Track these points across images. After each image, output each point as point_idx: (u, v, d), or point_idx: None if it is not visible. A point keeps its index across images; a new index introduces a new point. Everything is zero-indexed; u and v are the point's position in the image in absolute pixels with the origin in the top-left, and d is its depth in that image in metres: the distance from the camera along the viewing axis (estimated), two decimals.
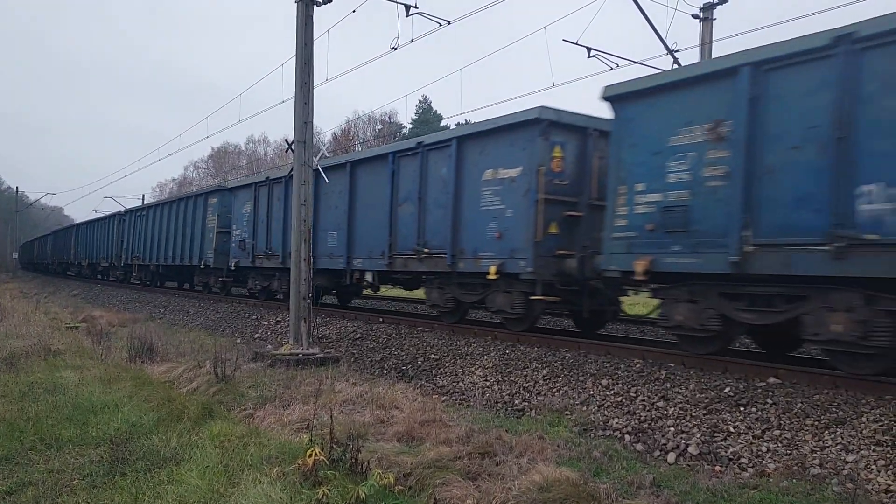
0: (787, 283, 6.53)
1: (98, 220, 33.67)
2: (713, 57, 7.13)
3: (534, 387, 7.68)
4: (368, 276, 12.84)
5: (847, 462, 4.94)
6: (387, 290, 15.71)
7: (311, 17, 10.64)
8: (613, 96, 7.97)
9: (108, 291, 26.72)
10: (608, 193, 8.08)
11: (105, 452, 5.11)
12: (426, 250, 10.77)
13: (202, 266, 19.53)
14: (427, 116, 57.95)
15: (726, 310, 7.06)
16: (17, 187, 68.49)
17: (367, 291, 15.22)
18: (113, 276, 30.07)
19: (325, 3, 10.92)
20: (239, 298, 18.31)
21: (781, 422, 5.63)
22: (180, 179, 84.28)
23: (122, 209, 30.57)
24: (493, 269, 9.33)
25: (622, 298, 10.05)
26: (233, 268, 17.61)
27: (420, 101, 60.16)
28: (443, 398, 7.83)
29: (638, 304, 13.70)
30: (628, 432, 6.18)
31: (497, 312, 9.97)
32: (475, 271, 9.79)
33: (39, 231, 64.50)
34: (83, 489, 4.54)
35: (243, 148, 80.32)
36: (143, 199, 44.43)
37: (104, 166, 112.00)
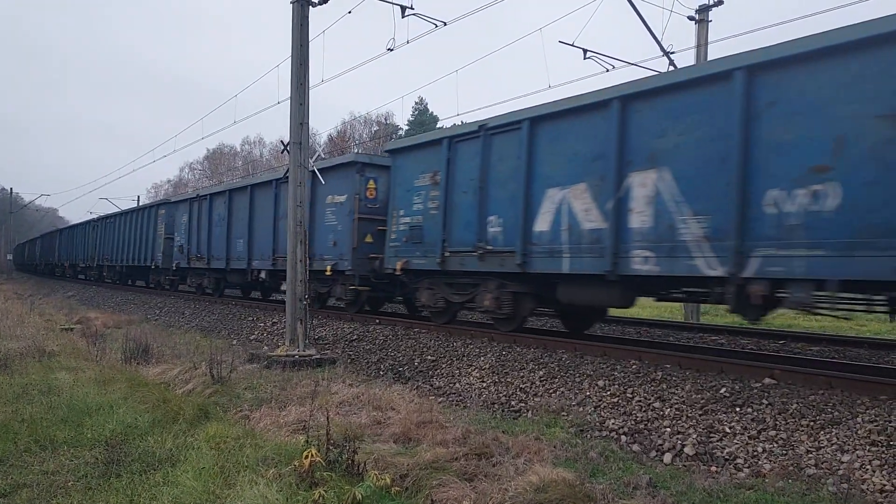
0: (469, 276, 10.21)
1: (77, 225, 37.97)
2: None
3: (530, 388, 7.69)
4: (263, 274, 16.27)
5: (842, 462, 4.96)
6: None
7: (307, 17, 10.63)
8: (390, 150, 12.20)
9: (104, 293, 26.62)
10: (388, 216, 11.77)
11: (100, 454, 5.08)
12: None
13: (153, 266, 23.23)
14: (423, 118, 58.00)
15: (447, 293, 10.78)
16: (10, 188, 68.27)
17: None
18: (89, 276, 33.77)
19: (320, 4, 10.92)
20: (235, 300, 18.27)
21: (777, 422, 5.65)
22: (175, 181, 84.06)
23: (116, 209, 31.63)
24: (328, 268, 13.06)
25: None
26: (174, 268, 21.27)
27: (416, 103, 60.21)
28: (439, 399, 7.82)
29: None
30: (625, 433, 6.19)
31: (338, 299, 13.99)
32: (320, 269, 13.18)
33: (34, 233, 64.26)
34: (78, 491, 4.51)
35: (239, 149, 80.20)
36: (138, 201, 44.40)
37: (99, 167, 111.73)
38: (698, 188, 6.91)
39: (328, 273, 13.03)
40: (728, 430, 5.75)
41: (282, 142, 11.46)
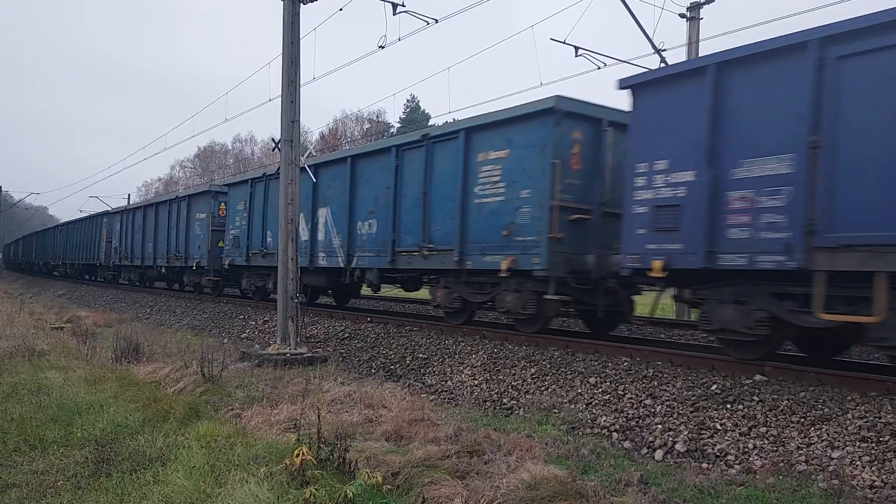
0: (263, 269, 15.65)
1: (48, 228, 46.79)
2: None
3: (522, 385, 7.70)
4: (163, 269, 22.22)
5: (832, 458, 4.99)
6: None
7: (298, 15, 10.58)
8: (227, 184, 18.40)
9: (94, 292, 26.44)
10: (226, 229, 17.56)
11: (90, 453, 5.05)
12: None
13: (99, 264, 29.55)
14: (415, 115, 57.96)
15: (256, 281, 16.54)
16: (0, 187, 67.69)
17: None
18: (56, 272, 40.14)
19: (311, 2, 10.86)
20: (227, 299, 18.19)
21: (768, 419, 5.68)
22: (166, 179, 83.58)
23: (108, 208, 32.95)
24: (194, 264, 19.14)
25: None
26: (111, 265, 27.63)
27: (408, 100, 60.13)
28: (431, 397, 7.82)
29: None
30: (616, 430, 6.21)
31: (205, 286, 19.40)
32: (189, 266, 19.84)
33: (24, 231, 63.80)
34: (68, 490, 4.48)
35: (230, 147, 79.84)
36: (128, 199, 44.18)
37: (90, 166, 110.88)
38: (339, 220, 12.84)
39: (194, 268, 19.26)
40: (719, 426, 5.77)
41: (273, 139, 11.41)
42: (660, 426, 6.04)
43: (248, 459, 4.71)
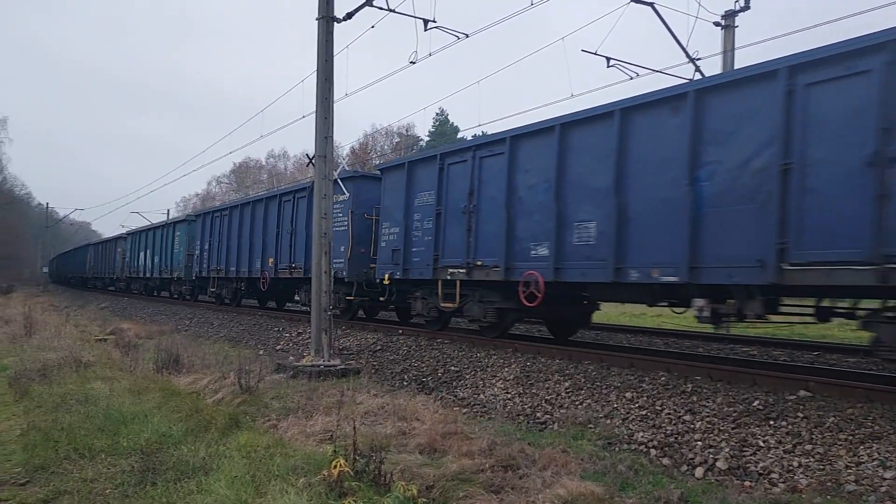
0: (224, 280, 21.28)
1: (79, 247, 53.87)
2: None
3: (556, 399, 7.64)
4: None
5: (885, 479, 4.82)
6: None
7: (332, 34, 10.80)
8: (192, 215, 24.98)
9: (135, 304, 27.18)
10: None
11: (136, 462, 5.17)
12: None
13: (115, 278, 36.65)
14: (444, 129, 58.30)
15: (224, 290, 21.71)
16: (46, 203, 70.23)
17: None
18: (90, 285, 45.56)
19: (345, 20, 11.10)
20: (262, 311, 18.48)
21: (813, 436, 5.52)
22: (203, 194, 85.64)
23: (147, 223, 35.66)
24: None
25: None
26: (120, 278, 35.33)
27: (437, 114, 60.50)
28: (464, 410, 7.81)
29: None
30: (654, 446, 6.11)
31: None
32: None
33: (68, 246, 66.14)
34: (116, 498, 4.61)
35: (264, 162, 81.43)
36: (167, 214, 45.50)
37: (131, 182, 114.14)
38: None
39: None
40: (762, 443, 5.64)
41: (307, 155, 11.63)
42: (700, 443, 5.92)
43: (286, 470, 4.78)
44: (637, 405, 6.91)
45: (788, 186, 6.40)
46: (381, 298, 13.18)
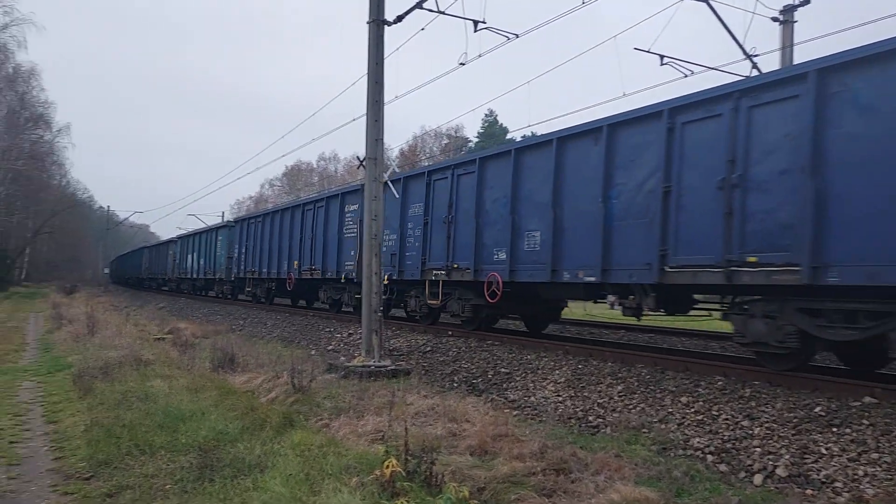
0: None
1: (136, 249, 56.78)
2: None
3: (608, 403, 7.51)
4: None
5: None
6: None
7: (382, 37, 10.91)
8: (231, 222, 27.77)
9: (192, 304, 28.14)
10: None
11: (194, 459, 5.35)
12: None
13: (166, 279, 39.29)
14: (493, 130, 58.18)
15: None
16: (108, 207, 73.53)
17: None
18: (146, 285, 47.88)
19: (395, 23, 11.20)
20: (313, 312, 18.86)
21: (880, 444, 5.27)
22: (257, 197, 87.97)
23: (203, 225, 35.98)
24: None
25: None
26: (169, 279, 38.28)
27: (486, 115, 60.45)
28: (514, 412, 7.76)
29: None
30: (711, 452, 5.94)
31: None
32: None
33: (127, 248, 69.17)
34: (175, 493, 4.78)
35: (315, 165, 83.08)
36: (222, 217, 46.97)
37: (188, 185, 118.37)
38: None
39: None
40: (824, 451, 5.41)
41: (357, 157, 11.82)
42: (758, 449, 5.72)
43: (339, 469, 4.86)
44: (693, 410, 6.73)
45: (668, 205, 7.97)
46: (384, 297, 14.59)
